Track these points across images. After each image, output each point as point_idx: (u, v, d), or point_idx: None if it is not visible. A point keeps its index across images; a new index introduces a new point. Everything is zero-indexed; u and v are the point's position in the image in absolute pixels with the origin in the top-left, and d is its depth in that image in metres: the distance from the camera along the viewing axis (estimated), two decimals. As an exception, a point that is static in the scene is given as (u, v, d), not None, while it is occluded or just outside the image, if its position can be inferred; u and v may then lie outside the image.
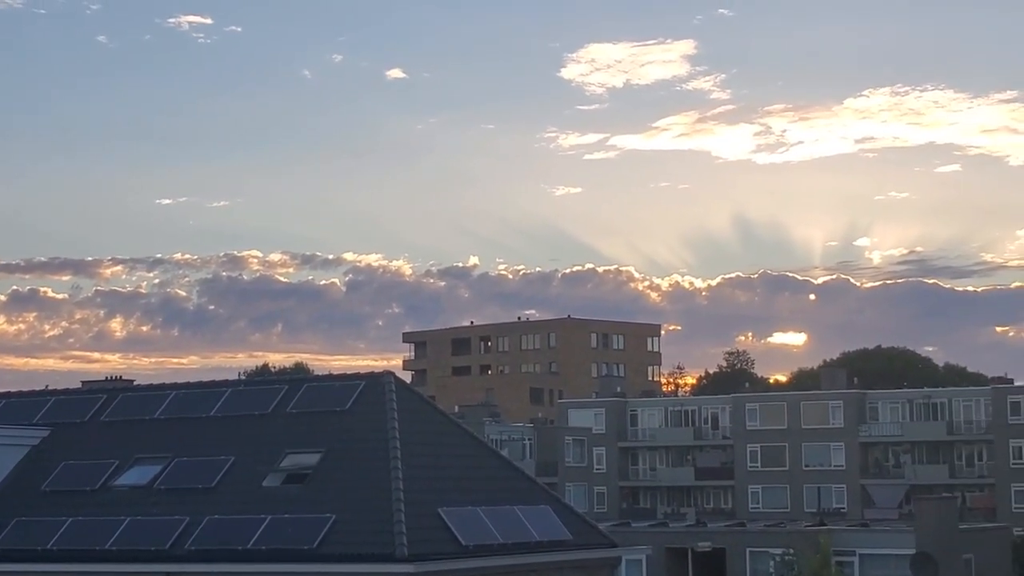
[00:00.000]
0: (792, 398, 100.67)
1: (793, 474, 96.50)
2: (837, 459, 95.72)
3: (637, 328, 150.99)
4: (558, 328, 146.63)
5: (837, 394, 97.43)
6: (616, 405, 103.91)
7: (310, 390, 34.95)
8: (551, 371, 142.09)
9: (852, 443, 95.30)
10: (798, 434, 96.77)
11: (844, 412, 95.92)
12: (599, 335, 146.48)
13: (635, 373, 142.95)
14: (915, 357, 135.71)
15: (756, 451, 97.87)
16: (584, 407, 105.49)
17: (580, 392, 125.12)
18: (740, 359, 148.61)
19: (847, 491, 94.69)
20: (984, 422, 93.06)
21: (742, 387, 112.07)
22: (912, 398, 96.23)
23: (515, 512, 32.54)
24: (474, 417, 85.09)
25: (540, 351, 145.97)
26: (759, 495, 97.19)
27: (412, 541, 28.93)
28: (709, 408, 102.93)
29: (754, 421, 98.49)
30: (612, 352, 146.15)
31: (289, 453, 32.71)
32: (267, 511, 30.85)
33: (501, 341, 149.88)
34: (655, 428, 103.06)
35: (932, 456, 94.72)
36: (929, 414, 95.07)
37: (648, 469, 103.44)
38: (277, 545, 29.76)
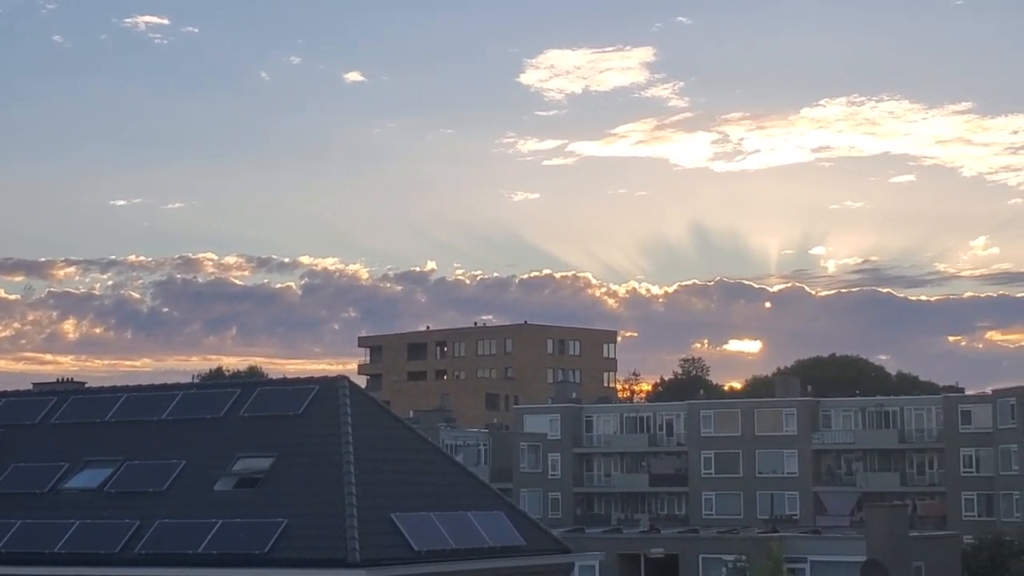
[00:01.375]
0: (746, 405, 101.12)
1: (746, 481, 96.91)
2: (790, 466, 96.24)
3: (593, 334, 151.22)
4: (514, 334, 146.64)
5: (791, 402, 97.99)
6: (571, 411, 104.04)
7: (263, 394, 34.83)
8: (507, 376, 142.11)
9: (805, 450, 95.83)
10: (752, 441, 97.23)
11: (797, 420, 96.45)
12: (555, 341, 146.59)
13: (591, 379, 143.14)
14: (868, 365, 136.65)
15: (710, 458, 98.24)
16: (539, 413, 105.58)
17: (536, 398, 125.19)
18: (695, 366, 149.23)
19: (800, 498, 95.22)
20: (935, 431, 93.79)
21: (697, 394, 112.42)
22: (864, 406, 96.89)
23: (468, 518, 32.53)
24: (429, 422, 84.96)
25: (496, 356, 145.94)
26: (713, 502, 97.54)
27: (364, 546, 28.87)
28: (664, 415, 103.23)
29: (708, 428, 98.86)
30: (568, 358, 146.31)
31: (241, 457, 32.58)
32: (218, 515, 30.70)
33: (457, 346, 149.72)
34: (610, 434, 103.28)
35: (884, 464, 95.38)
36: (881, 422, 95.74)
37: (603, 475, 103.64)
38: (228, 550, 29.62)
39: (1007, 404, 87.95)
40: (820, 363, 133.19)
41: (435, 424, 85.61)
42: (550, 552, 34.21)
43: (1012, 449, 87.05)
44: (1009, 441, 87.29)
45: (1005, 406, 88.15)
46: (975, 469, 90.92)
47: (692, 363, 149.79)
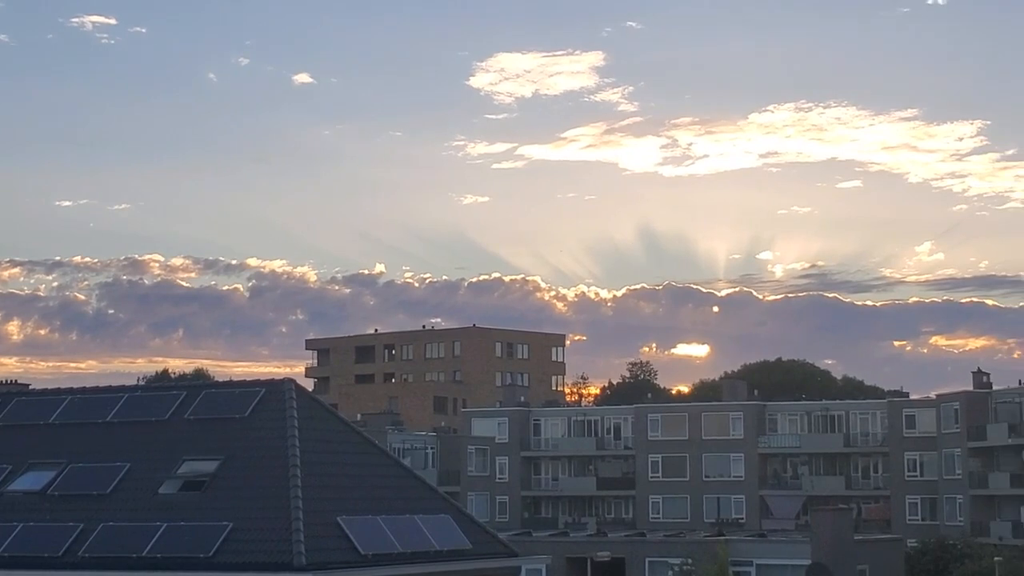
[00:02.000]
0: (693, 409, 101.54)
1: (693, 484, 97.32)
2: (737, 470, 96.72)
3: (542, 338, 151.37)
4: (463, 337, 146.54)
5: (737, 405, 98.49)
6: (519, 415, 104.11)
7: (209, 396, 34.68)
8: (455, 380, 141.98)
9: (751, 454, 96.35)
10: (699, 445, 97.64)
11: (744, 423, 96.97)
12: (504, 344, 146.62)
13: (539, 383, 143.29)
14: (814, 370, 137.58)
15: (657, 461, 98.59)
16: (487, 416, 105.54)
17: (484, 401, 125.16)
18: (643, 370, 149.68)
19: (746, 501, 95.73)
20: (880, 435, 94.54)
21: (645, 398, 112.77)
22: (810, 410, 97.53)
23: (415, 521, 32.52)
24: (376, 425, 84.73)
25: (444, 360, 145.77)
26: (660, 505, 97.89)
27: (310, 550, 28.79)
28: (612, 418, 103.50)
29: (656, 432, 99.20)
30: (516, 361, 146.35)
31: (186, 460, 32.42)
32: (163, 518, 30.54)
33: (405, 349, 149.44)
34: (558, 438, 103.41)
35: (829, 468, 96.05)
36: (827, 426, 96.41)
37: (550, 479, 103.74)
38: (173, 553, 29.46)
39: (951, 409, 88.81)
40: (767, 367, 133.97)
41: (383, 427, 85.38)
42: (497, 555, 34.24)
43: (956, 453, 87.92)
44: (953, 446, 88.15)
45: (949, 411, 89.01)
46: (919, 473, 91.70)
47: (640, 367, 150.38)
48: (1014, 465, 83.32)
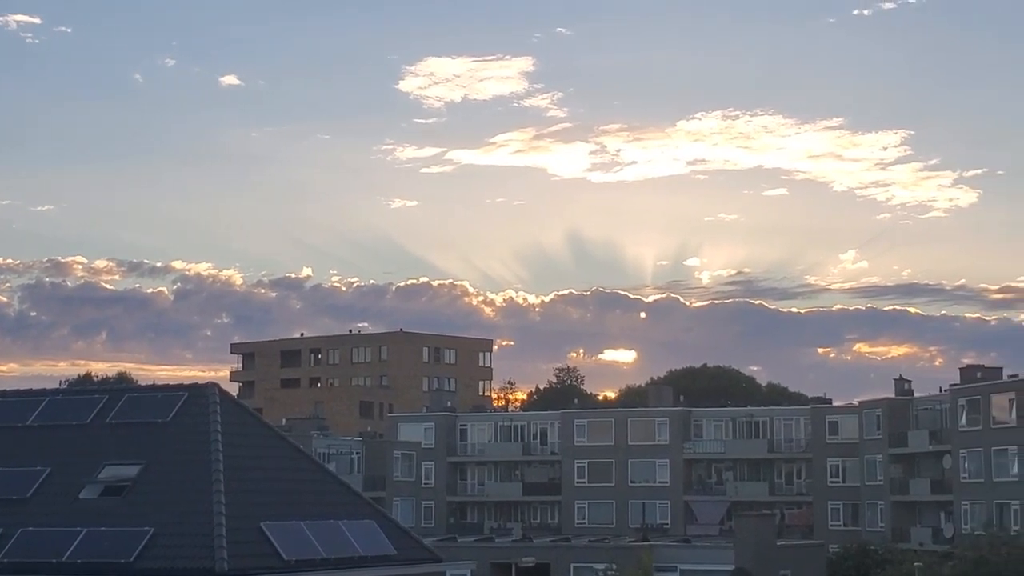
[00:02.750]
0: (620, 415, 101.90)
1: (619, 490, 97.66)
2: (662, 475, 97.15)
3: (469, 343, 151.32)
4: (389, 341, 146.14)
5: (663, 411, 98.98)
6: (446, 420, 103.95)
7: (131, 400, 34.31)
8: (382, 385, 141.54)
9: (677, 460, 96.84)
10: (625, 450, 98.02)
11: (670, 429, 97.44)
12: (431, 349, 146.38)
13: (466, 388, 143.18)
14: (739, 376, 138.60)
15: (583, 467, 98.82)
16: (414, 421, 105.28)
17: (411, 406, 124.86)
18: (570, 375, 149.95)
19: (671, 507, 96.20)
20: (803, 441, 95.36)
21: (571, 403, 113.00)
22: (735, 416, 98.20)
23: (339, 527, 32.36)
24: (302, 430, 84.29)
25: (371, 364, 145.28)
26: (585, 510, 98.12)
27: (233, 555, 28.57)
28: (538, 423, 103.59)
29: (582, 437, 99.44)
30: (444, 366, 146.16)
31: (108, 465, 32.06)
32: (83, 523, 30.17)
33: (332, 354, 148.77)
34: (484, 443, 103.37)
35: (753, 473, 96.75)
36: (751, 432, 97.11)
37: (476, 484, 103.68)
38: (93, 558, 29.11)
39: (873, 415, 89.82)
40: (692, 373, 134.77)
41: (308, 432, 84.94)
42: (421, 561, 34.17)
43: (877, 459, 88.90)
44: (874, 452, 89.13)
45: (871, 417, 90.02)
46: (841, 479, 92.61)
47: (567, 372, 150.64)
48: (934, 472, 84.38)
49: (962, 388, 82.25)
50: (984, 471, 78.30)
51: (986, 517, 75.77)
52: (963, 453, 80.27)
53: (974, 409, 79.71)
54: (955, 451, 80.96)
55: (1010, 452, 76.40)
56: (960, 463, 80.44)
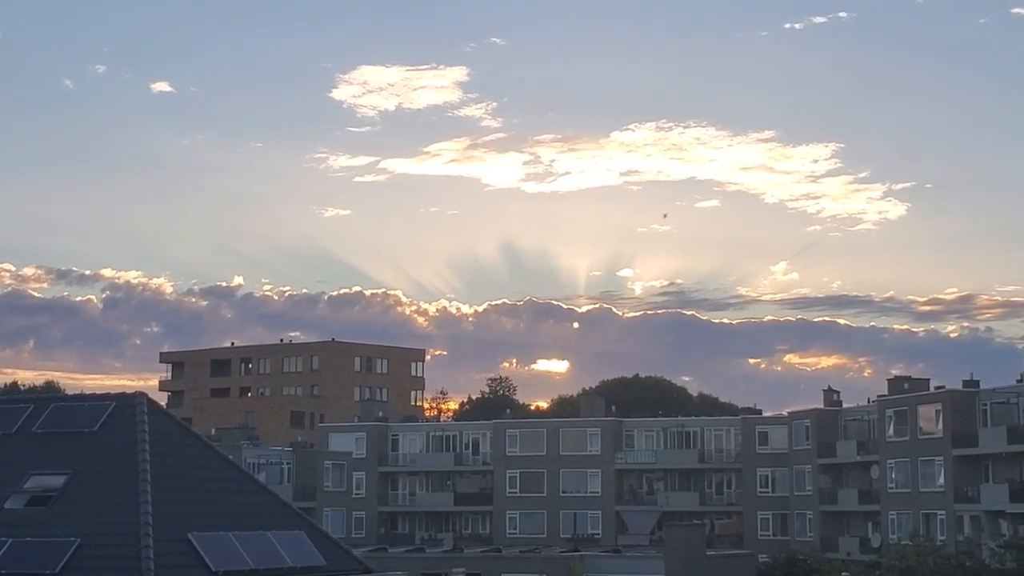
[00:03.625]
0: (552, 425, 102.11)
1: (550, 500, 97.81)
2: (593, 485, 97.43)
3: (402, 352, 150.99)
4: (321, 351, 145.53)
5: (595, 421, 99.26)
6: (377, 429, 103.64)
7: (58, 410, 33.90)
8: (313, 394, 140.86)
9: (608, 470, 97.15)
10: (556, 460, 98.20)
11: (601, 439, 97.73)
12: (363, 359, 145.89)
13: (398, 398, 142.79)
14: (671, 386, 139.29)
15: (515, 477, 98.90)
16: (345, 431, 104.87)
17: (342, 416, 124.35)
18: (503, 385, 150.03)
19: (602, 517, 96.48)
20: (734, 451, 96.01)
21: (504, 413, 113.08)
22: (666, 426, 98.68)
23: (268, 537, 32.15)
24: (231, 440, 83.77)
25: (302, 374, 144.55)
26: (517, 521, 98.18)
27: (160, 566, 28.31)
28: (470, 434, 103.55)
29: (514, 447, 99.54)
30: (376, 376, 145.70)
31: (33, 474, 31.66)
32: (8, 534, 29.77)
33: (262, 363, 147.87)
34: (416, 453, 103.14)
35: (684, 483, 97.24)
36: (682, 442, 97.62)
37: (408, 494, 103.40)
38: (18, 569, 28.75)
39: (802, 426, 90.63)
40: (625, 383, 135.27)
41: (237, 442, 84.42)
42: (351, 572, 34.00)
43: (806, 470, 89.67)
44: (803, 462, 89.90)
45: (800, 428, 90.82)
46: (771, 489, 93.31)
47: (500, 382, 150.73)
48: (862, 482, 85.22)
49: (889, 399, 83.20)
50: (911, 481, 79.21)
51: (912, 527, 76.63)
52: (890, 463, 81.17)
53: (901, 420, 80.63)
54: (882, 461, 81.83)
55: (936, 463, 77.34)
56: (887, 473, 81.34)
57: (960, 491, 75.38)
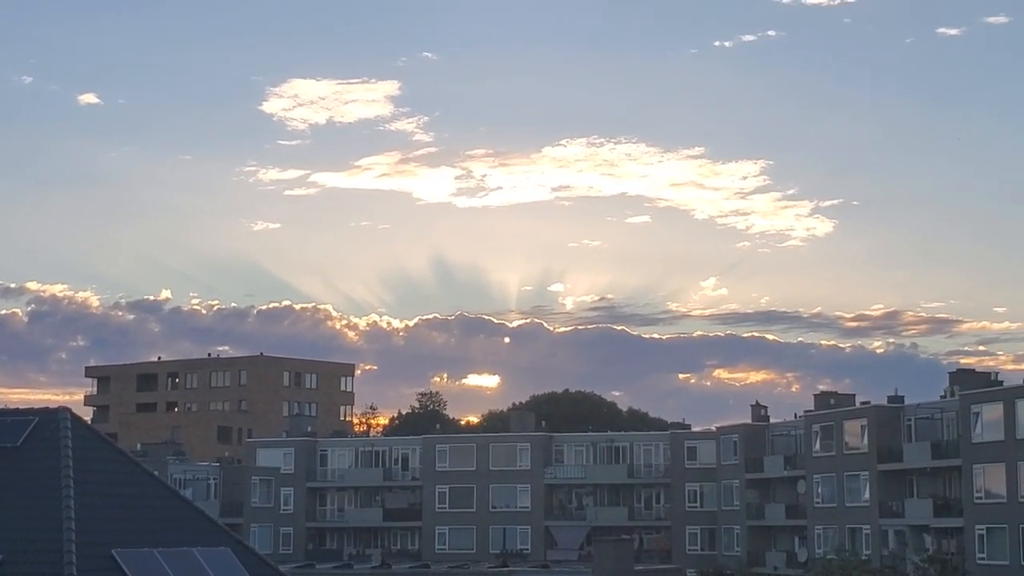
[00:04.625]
0: (481, 440, 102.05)
1: (480, 515, 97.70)
2: (523, 501, 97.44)
3: (331, 367, 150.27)
4: (249, 366, 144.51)
5: (525, 437, 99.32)
6: (305, 445, 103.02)
7: (-22, 425, 33.29)
8: (241, 409, 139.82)
9: (538, 485, 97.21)
10: (486, 476, 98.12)
11: (531, 454, 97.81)
12: (291, 373, 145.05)
13: (327, 413, 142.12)
14: (601, 401, 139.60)
15: (445, 492, 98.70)
16: (273, 447, 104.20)
17: (270, 431, 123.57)
18: (433, 400, 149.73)
19: (531, 532, 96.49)
20: (663, 466, 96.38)
21: (433, 428, 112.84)
22: (596, 442, 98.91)
23: (193, 554, 31.80)
24: (157, 456, 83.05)
25: (230, 389, 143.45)
26: (446, 536, 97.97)
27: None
28: (400, 449, 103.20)
29: (444, 462, 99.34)
30: (304, 391, 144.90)
31: (-47, 491, 31.06)
32: (-74, 552, 29.18)
33: (190, 377, 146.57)
34: (345, 468, 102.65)
35: (613, 498, 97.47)
36: (611, 457, 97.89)
37: (336, 510, 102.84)
38: (-65, 588, 28.21)
39: (730, 441, 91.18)
40: (555, 398, 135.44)
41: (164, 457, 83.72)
42: (278, 588, 33.67)
43: (734, 485, 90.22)
44: (731, 477, 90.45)
45: (728, 443, 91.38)
46: (699, 504, 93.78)
47: (430, 397, 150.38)
48: (789, 496, 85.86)
49: (816, 414, 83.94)
50: (836, 496, 79.91)
51: (838, 541, 77.36)
52: (816, 478, 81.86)
53: (827, 435, 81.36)
54: (809, 476, 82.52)
55: (861, 477, 78.09)
56: (813, 488, 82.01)
57: (885, 506, 76.15)
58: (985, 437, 68.52)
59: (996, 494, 67.72)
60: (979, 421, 69.11)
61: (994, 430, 67.96)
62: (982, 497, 68.65)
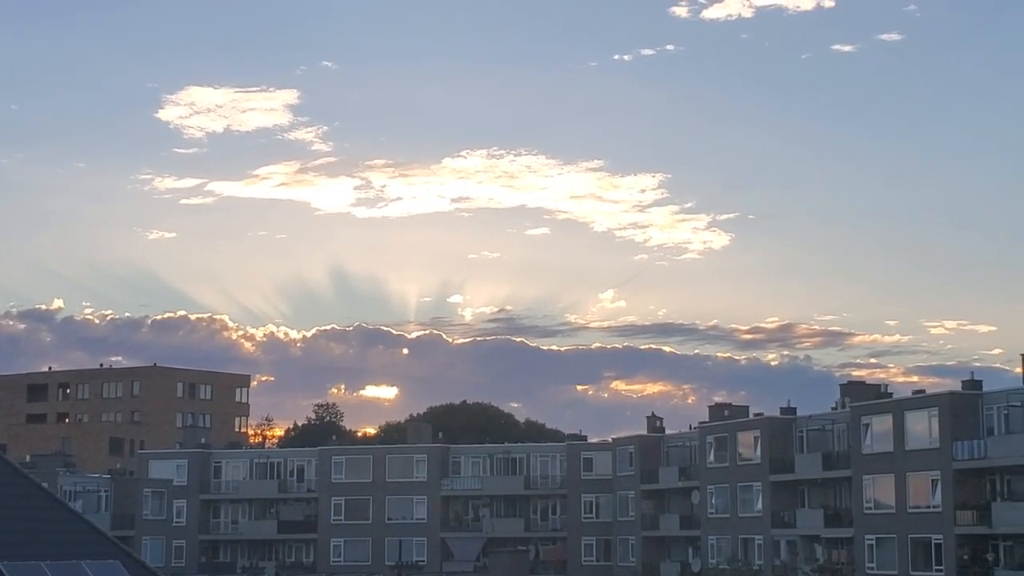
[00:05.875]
0: (378, 451, 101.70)
1: (376, 527, 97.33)
2: (420, 512, 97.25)
3: (226, 378, 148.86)
4: (143, 376, 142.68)
5: (422, 448, 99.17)
6: (200, 456, 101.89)
7: None
8: (133, 420, 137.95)
9: (435, 496, 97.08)
10: (383, 487, 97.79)
11: (428, 466, 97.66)
12: (186, 384, 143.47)
13: (222, 424, 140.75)
14: (498, 413, 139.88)
15: (340, 504, 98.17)
16: (166, 458, 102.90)
17: (164, 443, 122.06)
18: (329, 411, 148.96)
19: (428, 544, 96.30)
20: (559, 477, 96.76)
21: (329, 440, 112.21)
22: (492, 453, 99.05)
23: (82, 567, 31.35)
24: (47, 467, 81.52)
25: (123, 399, 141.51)
26: (341, 548, 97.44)
27: (-34, 598, 27.33)
28: (295, 460, 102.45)
29: (339, 474, 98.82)
30: (199, 402, 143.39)
31: None
32: None
33: (81, 388, 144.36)
34: (239, 480, 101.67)
35: (510, 510, 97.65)
36: (508, 469, 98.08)
37: (230, 522, 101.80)
38: None
39: (626, 452, 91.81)
40: (452, 410, 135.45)
41: (53, 469, 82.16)
42: (169, 602, 33.32)
43: (629, 495, 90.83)
44: (627, 488, 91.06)
45: (624, 454, 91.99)
46: (595, 515, 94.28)
47: (326, 408, 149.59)
48: (683, 507, 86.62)
49: (710, 426, 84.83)
50: (730, 506, 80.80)
51: (731, 551, 78.23)
52: (710, 489, 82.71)
53: (721, 446, 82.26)
54: (703, 487, 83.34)
55: (755, 488, 79.04)
56: (707, 499, 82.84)
57: (777, 516, 77.16)
58: (875, 448, 69.72)
59: (885, 504, 68.92)
60: (869, 432, 70.30)
61: (883, 441, 69.17)
62: (872, 507, 69.81)
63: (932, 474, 65.87)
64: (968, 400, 65.78)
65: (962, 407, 65.38)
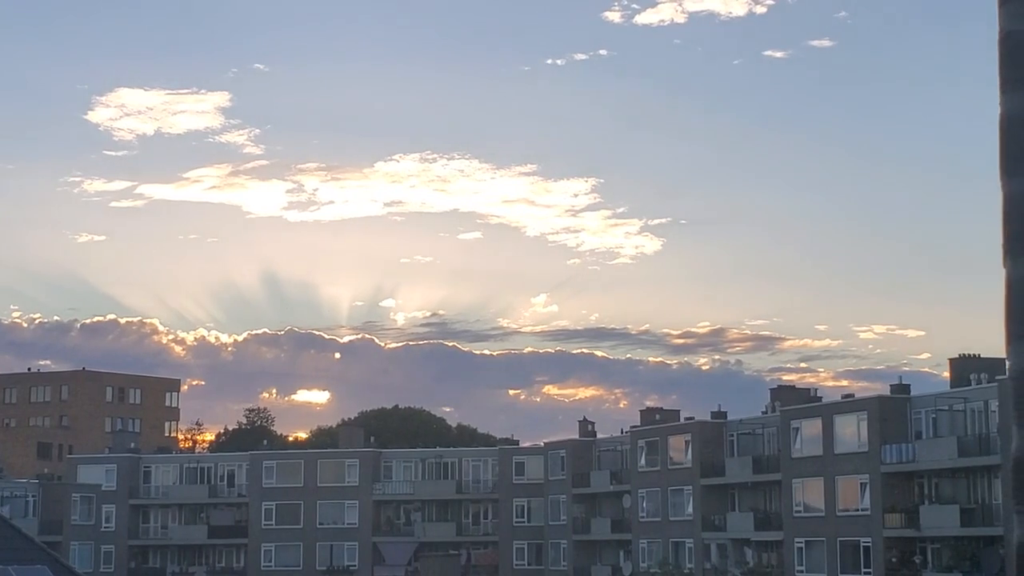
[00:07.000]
0: (309, 456, 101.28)
1: (307, 532, 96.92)
2: (351, 517, 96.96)
3: (156, 382, 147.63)
4: (71, 380, 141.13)
5: (353, 453, 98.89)
6: (129, 461, 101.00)
7: None
8: (62, 425, 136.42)
9: (366, 501, 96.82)
10: (314, 492, 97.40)
11: (360, 470, 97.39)
12: (115, 389, 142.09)
13: (152, 428, 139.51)
14: (430, 417, 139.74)
15: (271, 509, 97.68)
16: (95, 463, 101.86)
17: (93, 448, 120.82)
18: (260, 416, 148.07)
19: (359, 548, 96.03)
20: (491, 481, 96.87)
21: (260, 444, 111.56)
22: (425, 457, 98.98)
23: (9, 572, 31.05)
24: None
25: (51, 404, 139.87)
26: (272, 553, 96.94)
27: None
28: (226, 465, 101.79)
29: (271, 479, 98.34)
30: (128, 407, 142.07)
31: None
32: None
33: (8, 392, 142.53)
34: (169, 485, 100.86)
35: (441, 514, 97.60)
36: (440, 473, 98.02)
37: (160, 527, 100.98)
38: None
39: (558, 456, 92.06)
40: (384, 414, 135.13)
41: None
42: (97, 607, 33.05)
43: (561, 499, 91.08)
44: (558, 492, 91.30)
45: (556, 458, 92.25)
46: (527, 519, 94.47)
47: (257, 413, 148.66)
48: (615, 511, 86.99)
49: (642, 430, 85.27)
50: (661, 510, 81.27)
51: (662, 555, 78.70)
52: (641, 493, 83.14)
53: (652, 450, 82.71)
54: (634, 491, 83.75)
55: (685, 492, 79.55)
56: (639, 503, 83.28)
57: (708, 520, 77.70)
58: (804, 452, 70.40)
59: (814, 508, 69.62)
60: (799, 436, 70.98)
61: (813, 445, 69.87)
62: (801, 511, 70.49)
63: (861, 477, 66.64)
64: (896, 404, 66.61)
65: (890, 411, 66.19)
